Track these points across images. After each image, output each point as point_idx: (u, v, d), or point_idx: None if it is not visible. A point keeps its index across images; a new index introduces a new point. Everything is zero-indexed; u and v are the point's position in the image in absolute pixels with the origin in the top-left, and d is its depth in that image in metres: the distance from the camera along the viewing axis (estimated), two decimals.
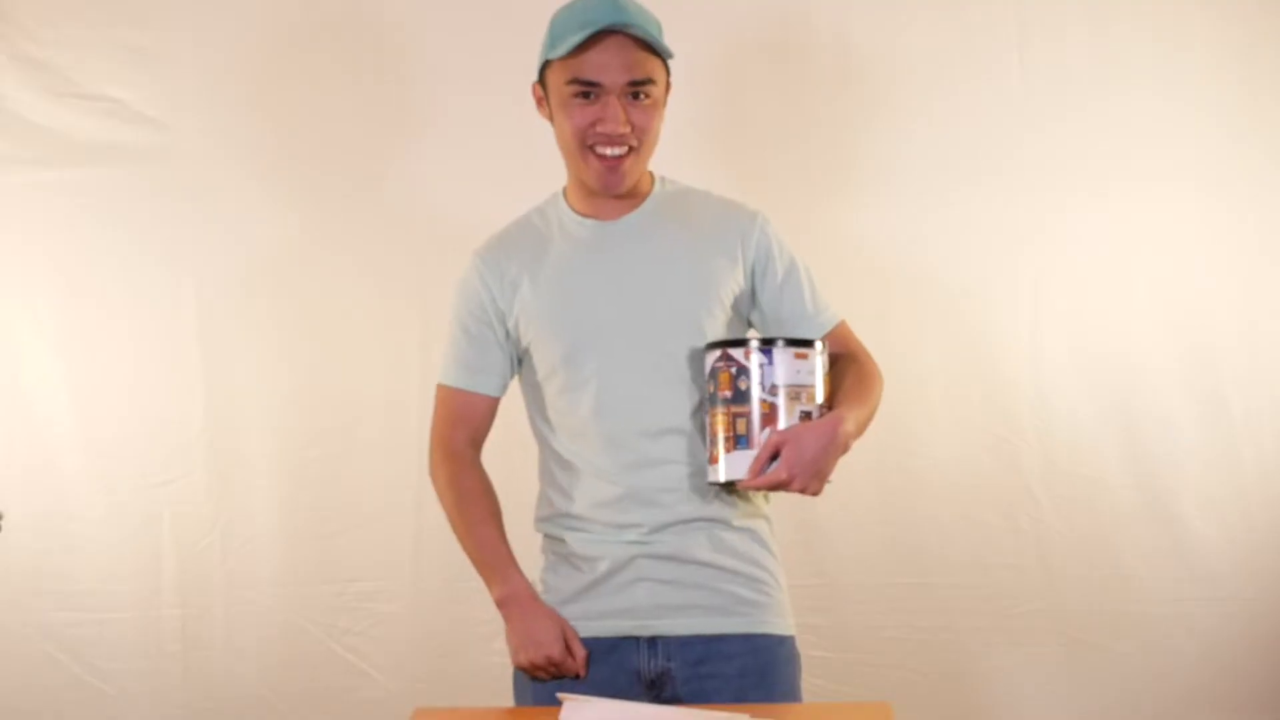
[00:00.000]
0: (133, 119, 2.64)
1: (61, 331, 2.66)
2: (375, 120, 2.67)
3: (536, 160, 2.54)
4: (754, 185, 2.44)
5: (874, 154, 2.65)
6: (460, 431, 1.96)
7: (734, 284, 1.90)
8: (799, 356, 1.77)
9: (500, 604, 1.90)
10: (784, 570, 1.94)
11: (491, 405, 1.97)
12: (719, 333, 1.87)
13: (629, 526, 1.84)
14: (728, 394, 1.77)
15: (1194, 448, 2.63)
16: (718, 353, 1.79)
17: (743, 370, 1.76)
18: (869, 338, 1.99)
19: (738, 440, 1.76)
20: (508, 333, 1.93)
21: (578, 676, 1.83)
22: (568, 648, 1.85)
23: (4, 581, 2.65)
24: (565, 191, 1.95)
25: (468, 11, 2.66)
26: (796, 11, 2.64)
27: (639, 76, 1.80)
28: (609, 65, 1.78)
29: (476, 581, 2.63)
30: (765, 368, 1.75)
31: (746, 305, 1.93)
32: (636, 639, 1.85)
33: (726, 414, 1.77)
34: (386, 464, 2.67)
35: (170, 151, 2.65)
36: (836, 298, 1.98)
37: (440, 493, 1.97)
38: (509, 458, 2.58)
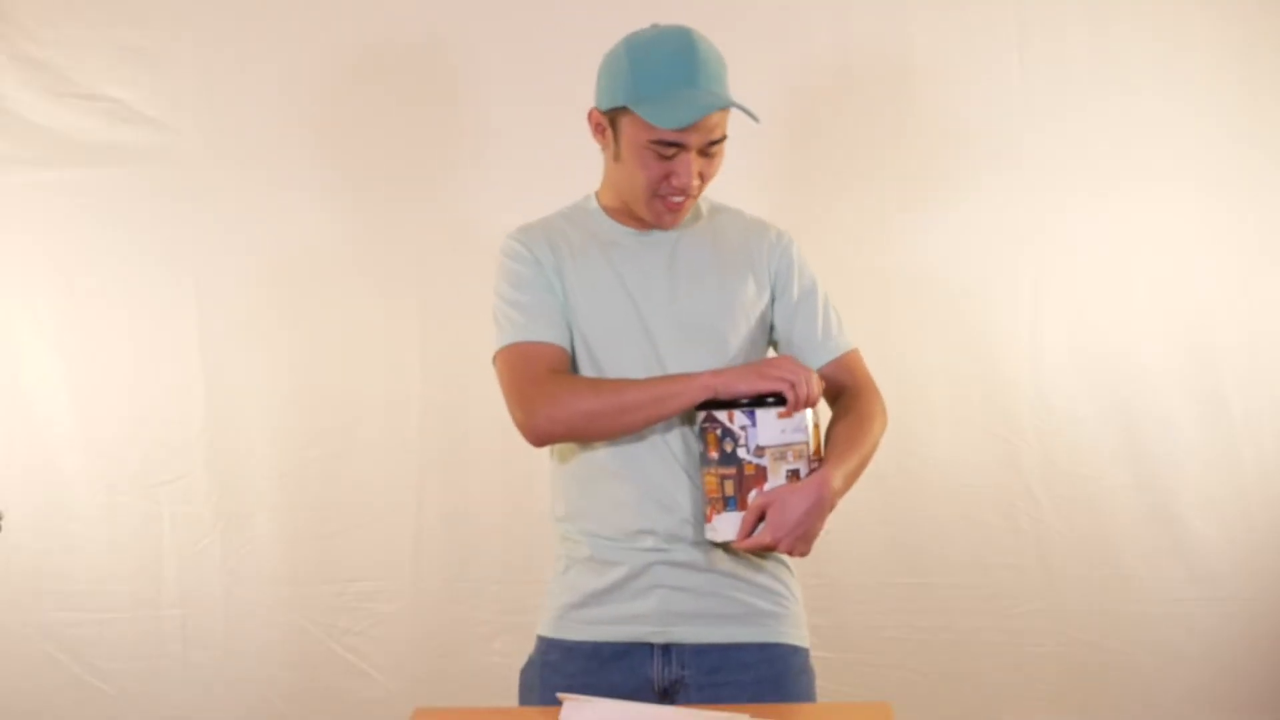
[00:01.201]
0: (133, 119, 2.64)
1: (61, 331, 2.66)
2: (376, 120, 2.67)
3: (539, 161, 2.57)
4: (754, 186, 2.44)
5: (873, 154, 2.65)
6: (537, 369, 1.83)
7: (758, 302, 1.91)
8: (784, 416, 1.75)
9: (715, 384, 1.77)
10: (799, 583, 1.94)
11: (560, 356, 1.84)
12: (741, 346, 1.88)
13: (645, 533, 1.83)
14: (715, 455, 1.77)
15: (1194, 448, 2.63)
16: (703, 415, 1.78)
17: (728, 433, 1.75)
18: (869, 338, 1.99)
19: (727, 501, 1.76)
20: (560, 294, 1.87)
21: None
22: None
23: (4, 581, 2.65)
24: (598, 196, 1.96)
25: (473, 11, 2.67)
26: (795, 11, 2.65)
27: (718, 137, 1.83)
28: (695, 131, 1.79)
29: (476, 582, 2.69)
30: (749, 430, 1.74)
31: (769, 324, 1.94)
32: (650, 645, 1.85)
33: (715, 475, 1.77)
34: (386, 464, 2.67)
35: (170, 151, 2.65)
36: (837, 298, 1.99)
37: (564, 405, 1.79)
38: (509, 464, 2.61)
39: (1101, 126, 2.63)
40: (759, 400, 1.75)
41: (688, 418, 1.83)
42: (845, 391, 1.92)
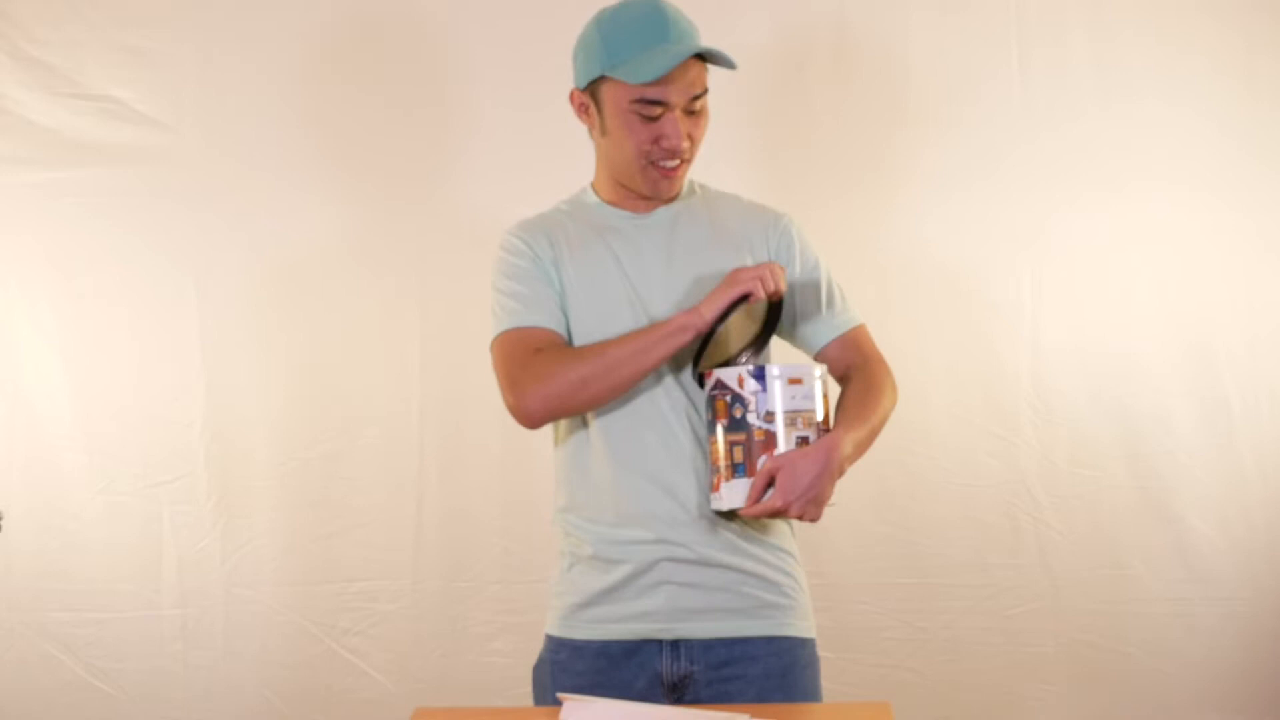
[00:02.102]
0: (133, 119, 2.65)
1: (61, 331, 2.66)
2: (375, 120, 2.67)
3: (540, 160, 2.57)
4: (753, 186, 2.44)
5: (874, 155, 2.65)
6: (527, 351, 1.83)
7: None
8: (793, 382, 1.75)
9: (691, 319, 1.77)
10: (804, 573, 1.94)
11: (553, 339, 1.85)
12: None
13: (649, 515, 1.82)
14: (724, 422, 1.77)
15: (1194, 447, 2.63)
16: (713, 380, 1.78)
17: (737, 398, 1.75)
18: None
19: (735, 468, 1.75)
20: (558, 286, 1.88)
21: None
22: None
23: (4, 581, 2.65)
24: (594, 185, 1.96)
25: (473, 11, 2.67)
26: (796, 12, 2.65)
27: (699, 91, 1.83)
28: (675, 85, 1.80)
29: (476, 581, 2.68)
30: (760, 395, 1.74)
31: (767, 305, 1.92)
32: (659, 642, 1.85)
33: (725, 442, 1.77)
34: (386, 464, 2.67)
35: (170, 151, 2.65)
36: (834, 273, 1.98)
37: (553, 379, 1.79)
38: (509, 463, 2.62)
39: (1101, 128, 2.63)
40: (735, 304, 1.76)
41: (689, 398, 1.83)
42: (854, 366, 1.91)
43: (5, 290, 2.66)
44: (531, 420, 1.83)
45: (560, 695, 1.72)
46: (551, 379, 1.80)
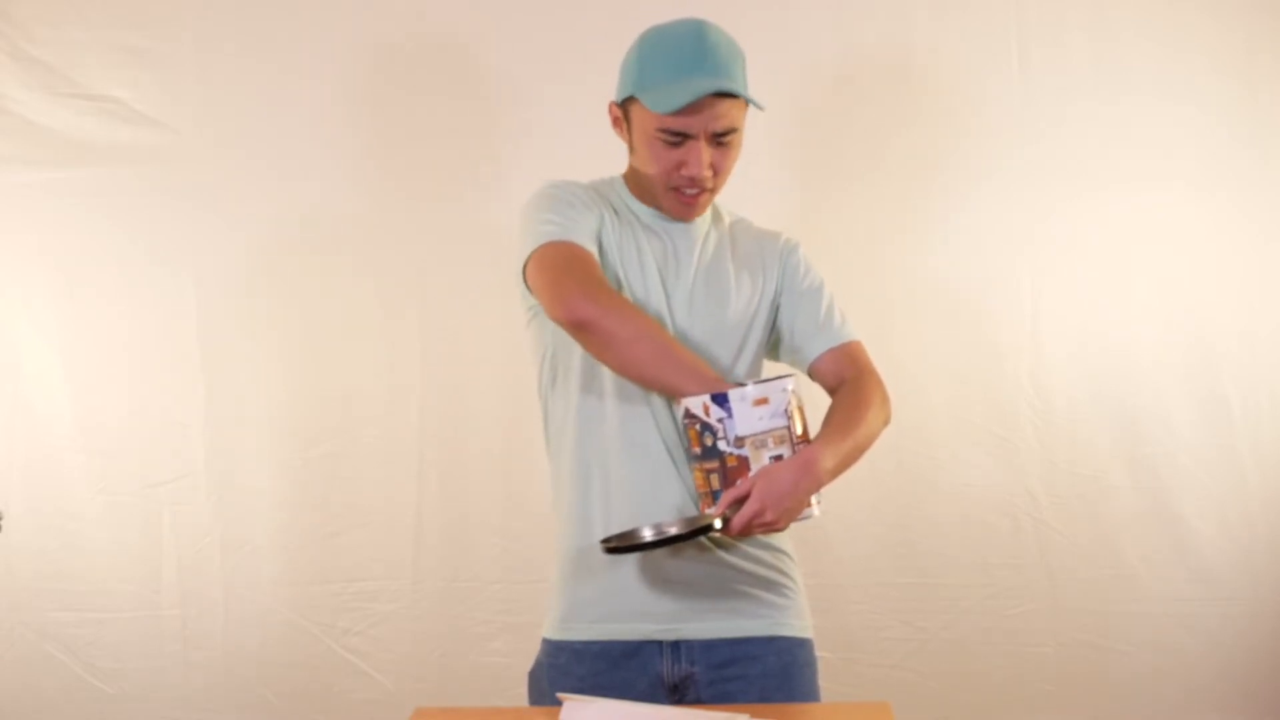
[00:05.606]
0: (133, 119, 2.64)
1: (62, 331, 2.66)
2: (375, 120, 2.67)
3: (538, 164, 2.57)
4: (752, 187, 2.44)
5: (874, 155, 2.65)
6: (579, 266, 1.78)
7: (754, 300, 1.92)
8: (759, 403, 1.74)
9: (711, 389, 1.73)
10: (801, 573, 1.94)
11: (599, 264, 1.81)
12: (739, 335, 1.89)
13: (647, 518, 1.82)
14: (697, 450, 1.77)
15: (1194, 447, 2.64)
16: (682, 409, 1.78)
17: (706, 426, 1.75)
18: (869, 339, 1.99)
19: (714, 495, 1.76)
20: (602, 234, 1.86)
21: None
22: None
23: (4, 581, 2.65)
24: (625, 179, 1.96)
25: (473, 10, 2.67)
26: (795, 14, 2.65)
27: (726, 128, 1.83)
28: (699, 117, 1.80)
29: (476, 581, 2.68)
30: (726, 421, 1.74)
31: (770, 329, 1.95)
32: (659, 643, 1.85)
33: (701, 470, 1.77)
34: (386, 464, 2.67)
35: (170, 151, 2.65)
36: (838, 298, 1.99)
37: (612, 316, 1.74)
38: (509, 463, 2.62)
39: (1101, 127, 2.63)
40: (726, 391, 1.73)
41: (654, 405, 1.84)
42: (847, 378, 1.91)
43: (5, 290, 2.66)
44: (576, 323, 1.75)
45: (560, 695, 1.72)
46: (611, 314, 1.74)
